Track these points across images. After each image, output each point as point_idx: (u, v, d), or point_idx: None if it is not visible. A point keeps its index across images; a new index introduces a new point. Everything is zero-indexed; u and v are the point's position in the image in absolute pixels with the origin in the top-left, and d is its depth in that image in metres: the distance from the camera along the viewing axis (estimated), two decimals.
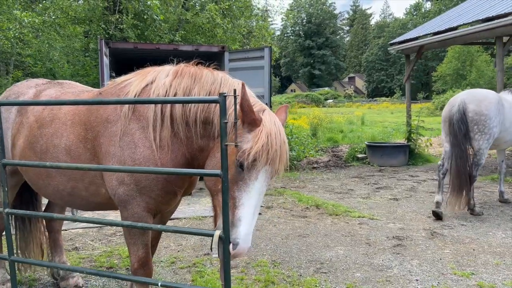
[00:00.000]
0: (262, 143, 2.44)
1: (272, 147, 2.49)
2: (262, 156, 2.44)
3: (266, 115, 2.64)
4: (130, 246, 3.07)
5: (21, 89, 3.70)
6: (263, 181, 2.51)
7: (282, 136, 2.61)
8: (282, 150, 2.57)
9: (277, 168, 2.56)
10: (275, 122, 2.62)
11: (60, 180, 3.19)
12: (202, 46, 10.59)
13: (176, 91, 2.88)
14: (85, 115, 3.10)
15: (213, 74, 2.93)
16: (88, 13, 14.90)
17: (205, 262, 4.77)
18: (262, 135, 2.48)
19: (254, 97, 2.89)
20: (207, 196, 7.78)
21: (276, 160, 2.52)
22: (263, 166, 2.47)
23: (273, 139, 2.51)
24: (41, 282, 4.31)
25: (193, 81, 2.89)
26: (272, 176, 2.59)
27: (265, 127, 2.52)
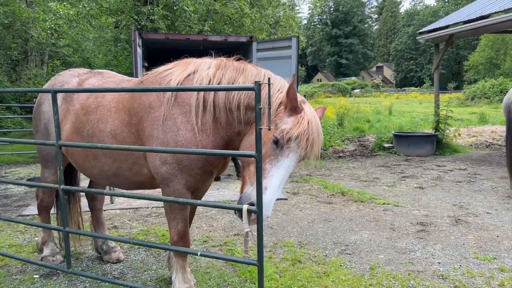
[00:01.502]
0: (303, 128, 2.76)
1: (311, 134, 2.79)
2: (298, 139, 2.74)
3: (307, 106, 2.93)
4: (170, 221, 3.38)
5: (65, 78, 4.04)
6: (293, 160, 2.80)
7: (319, 128, 2.91)
8: (317, 139, 2.86)
9: (309, 154, 2.84)
10: (315, 115, 2.93)
11: (106, 161, 3.51)
12: (230, 36, 10.81)
13: (220, 80, 3.15)
14: (128, 102, 3.39)
15: (256, 68, 3.21)
16: (120, 4, 15.32)
17: (235, 242, 5.06)
18: (304, 121, 2.78)
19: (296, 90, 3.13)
20: (236, 182, 8.11)
21: (309, 146, 2.80)
22: (297, 147, 2.76)
23: (313, 127, 2.81)
24: (86, 255, 4.69)
25: (237, 73, 3.16)
26: (302, 159, 2.89)
27: (307, 115, 2.82)
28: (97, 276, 3.75)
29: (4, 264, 4.38)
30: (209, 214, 6.17)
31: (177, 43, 10.85)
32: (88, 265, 4.44)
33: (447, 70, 76.66)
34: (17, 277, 4.10)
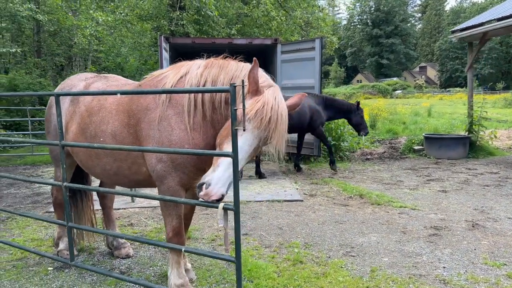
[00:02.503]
0: (257, 109, 2.81)
1: (266, 114, 2.82)
2: (251, 119, 2.79)
3: (270, 90, 2.98)
4: (165, 217, 3.53)
5: (73, 82, 4.30)
6: (247, 140, 2.82)
7: (280, 109, 2.91)
8: (275, 120, 2.87)
9: (269, 136, 2.87)
10: (276, 97, 2.94)
11: (107, 161, 3.71)
12: (255, 39, 10.94)
13: (206, 79, 3.28)
14: (127, 104, 3.57)
15: (237, 64, 3.29)
16: (154, 10, 15.84)
17: (242, 242, 5.12)
18: (259, 103, 2.84)
19: (267, 77, 3.17)
20: (256, 183, 8.20)
21: (264, 126, 2.83)
22: (250, 128, 2.81)
23: (268, 108, 2.84)
24: (99, 250, 4.94)
25: (220, 70, 3.27)
26: (263, 142, 2.90)
27: (264, 97, 2.87)
28: (96, 269, 3.95)
29: (24, 257, 4.70)
30: None
31: (203, 47, 11.10)
32: (99, 259, 4.68)
33: (496, 69, 73.10)
34: (33, 269, 4.39)
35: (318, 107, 9.29)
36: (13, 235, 5.50)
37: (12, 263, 4.54)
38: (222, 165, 2.76)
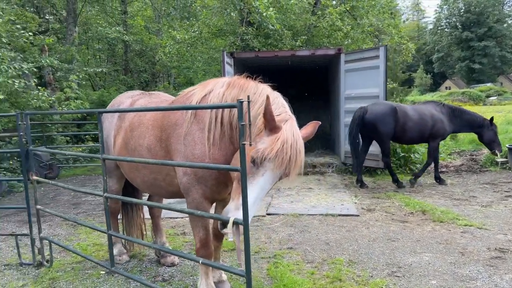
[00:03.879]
0: (277, 149, 2.82)
1: (286, 153, 2.85)
2: (272, 159, 2.82)
3: (287, 125, 2.97)
4: (193, 229, 3.65)
5: (122, 99, 4.64)
6: (269, 179, 2.88)
7: (298, 146, 2.93)
8: (295, 158, 2.90)
9: (287, 171, 2.90)
10: (294, 133, 2.94)
11: (145, 173, 3.94)
12: (318, 50, 10.85)
13: (226, 99, 3.37)
14: (160, 120, 3.78)
15: (257, 86, 3.32)
16: (226, 26, 16.45)
17: (284, 255, 5.10)
18: (279, 141, 2.85)
19: (285, 107, 3.18)
20: (313, 196, 8.08)
21: (285, 165, 2.86)
22: (271, 167, 2.85)
23: (288, 147, 2.86)
24: (149, 257, 5.22)
25: (240, 91, 3.33)
26: (281, 178, 2.95)
27: (283, 135, 2.88)
28: (129, 275, 4.18)
29: (82, 260, 5.13)
30: (272, 227, 6.29)
31: (267, 60, 11.28)
32: (146, 266, 4.95)
33: None
34: (88, 272, 4.77)
35: (442, 117, 8.88)
36: (79, 239, 6.03)
37: (72, 265, 4.98)
38: (248, 206, 2.79)
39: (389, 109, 8.52)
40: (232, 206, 2.85)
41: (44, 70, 15.68)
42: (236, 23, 15.44)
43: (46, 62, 11.98)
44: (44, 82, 16.97)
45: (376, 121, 8.48)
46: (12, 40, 11.10)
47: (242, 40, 12.49)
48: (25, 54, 13.01)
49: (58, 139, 13.90)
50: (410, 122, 8.60)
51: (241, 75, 3.56)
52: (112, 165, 4.57)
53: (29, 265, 4.97)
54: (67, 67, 15.20)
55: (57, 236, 6.15)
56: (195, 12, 20.60)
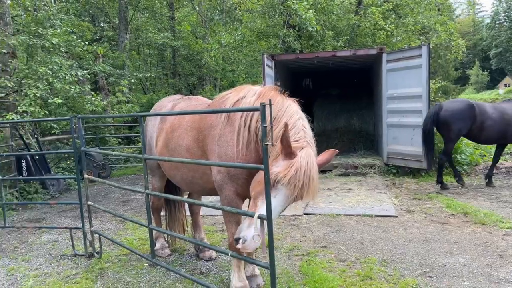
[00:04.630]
0: (290, 174, 3.00)
1: (299, 181, 3.02)
2: (284, 183, 3.01)
3: (303, 152, 3.13)
4: (226, 224, 3.89)
5: (164, 103, 4.97)
6: (281, 201, 3.07)
7: (312, 174, 3.09)
8: (307, 186, 3.07)
9: (299, 196, 3.09)
10: (308, 161, 3.10)
11: (184, 171, 4.23)
12: (359, 50, 10.79)
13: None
14: (198, 122, 4.05)
15: (283, 101, 3.49)
16: (268, 29, 16.67)
17: (318, 253, 5.22)
18: (293, 168, 3.03)
19: (305, 131, 3.34)
20: (352, 197, 8.10)
21: (297, 191, 3.05)
22: (284, 191, 3.04)
23: (301, 175, 3.03)
24: (189, 252, 5.53)
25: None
26: (293, 200, 3.14)
27: (297, 163, 3.05)
28: (168, 266, 4.46)
29: (128, 253, 5.53)
30: (308, 226, 6.42)
31: (307, 62, 11.37)
32: (186, 259, 5.25)
33: None
34: (133, 264, 5.15)
35: None
36: (127, 233, 6.47)
37: (118, 258, 5.39)
38: (257, 223, 3.00)
39: (467, 107, 8.27)
40: (245, 225, 3.07)
41: (98, 76, 16.69)
42: (278, 26, 15.65)
43: (99, 69, 12.77)
44: (98, 87, 18.07)
45: (451, 119, 8.26)
46: (70, 48, 11.95)
47: (284, 42, 12.66)
48: (81, 61, 13.94)
49: (111, 141, 14.75)
50: (489, 121, 8.25)
51: (278, 82, 3.76)
52: (155, 165, 4.91)
53: (82, 256, 5.44)
54: (119, 72, 16.08)
55: (107, 231, 6.63)
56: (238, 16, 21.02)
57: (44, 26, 10.91)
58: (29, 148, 9.51)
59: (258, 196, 3.10)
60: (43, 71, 9.65)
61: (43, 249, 5.84)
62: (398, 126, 10.19)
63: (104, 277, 4.76)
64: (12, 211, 8.16)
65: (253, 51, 19.49)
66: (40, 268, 5.12)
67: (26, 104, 9.25)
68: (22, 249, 5.89)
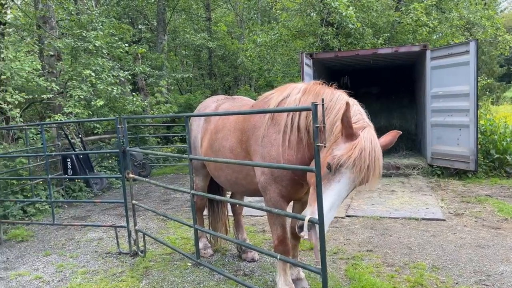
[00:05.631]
0: (354, 155, 2.84)
1: (365, 162, 2.86)
2: (348, 165, 2.84)
3: (365, 132, 2.98)
4: (271, 226, 3.82)
5: (208, 103, 4.96)
6: (345, 185, 2.91)
7: (377, 154, 2.93)
8: (373, 166, 2.90)
9: (365, 180, 2.91)
10: (372, 140, 2.94)
11: (228, 172, 4.20)
12: (401, 47, 10.43)
13: (302, 104, 3.47)
14: (241, 123, 4.00)
15: (332, 92, 3.37)
16: (306, 28, 16.49)
17: (364, 257, 5.06)
18: (356, 148, 2.87)
19: (361, 113, 3.19)
20: (396, 199, 7.85)
21: (363, 173, 2.88)
22: (348, 174, 2.87)
23: (366, 155, 2.87)
24: (231, 252, 5.50)
25: (315, 98, 3.40)
26: (359, 184, 2.96)
27: (360, 143, 2.89)
28: (213, 267, 4.44)
29: (171, 252, 5.56)
30: (351, 229, 6.25)
31: (346, 60, 11.13)
32: (229, 260, 5.23)
33: None
34: (176, 263, 5.18)
35: None
36: (168, 233, 6.52)
37: (162, 257, 5.43)
38: (324, 211, 2.83)
39: None
40: (309, 212, 2.93)
41: (137, 77, 17.05)
42: (315, 24, 15.43)
43: (139, 70, 13.03)
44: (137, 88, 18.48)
45: None
46: (111, 50, 12.26)
47: (321, 41, 12.46)
48: (121, 63, 14.28)
49: (150, 140, 15.03)
50: None
51: (318, 80, 3.64)
52: (199, 165, 4.91)
53: (126, 254, 5.52)
54: (157, 73, 16.36)
55: (149, 229, 6.71)
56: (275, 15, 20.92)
57: (86, 29, 11.23)
58: (74, 148, 9.81)
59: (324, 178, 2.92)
60: (87, 74, 9.92)
61: (89, 247, 5.98)
62: (443, 126, 9.79)
63: (149, 276, 4.81)
64: (59, 208, 8.43)
65: (289, 50, 19.35)
66: (87, 265, 5.24)
67: (71, 105, 9.55)
68: (70, 246, 6.05)
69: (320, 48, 13.78)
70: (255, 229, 6.50)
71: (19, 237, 6.52)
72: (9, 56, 8.21)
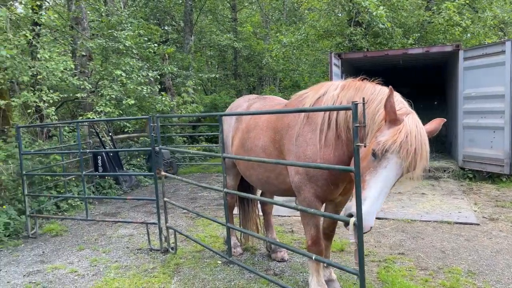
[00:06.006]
0: (400, 139, 2.78)
1: (411, 145, 2.79)
2: (394, 150, 2.78)
3: (409, 118, 2.91)
4: (304, 226, 3.79)
5: (239, 103, 4.97)
6: (392, 171, 2.83)
7: (423, 138, 2.86)
8: (420, 150, 2.83)
9: (412, 165, 2.82)
10: (417, 125, 2.88)
11: (260, 171, 4.20)
12: (433, 47, 10.22)
13: (341, 101, 3.43)
14: (274, 122, 4.00)
15: (374, 87, 3.33)
16: (332, 28, 16.37)
17: (396, 260, 4.98)
18: (401, 132, 2.81)
19: (404, 103, 3.14)
20: (426, 202, 7.71)
21: (411, 157, 2.79)
22: (395, 159, 2.80)
23: (412, 138, 2.80)
24: (260, 252, 5.50)
25: (356, 92, 3.36)
26: (406, 171, 2.87)
27: (406, 127, 2.83)
28: (247, 266, 4.44)
29: (202, 249, 5.61)
30: (381, 231, 6.16)
31: (376, 60, 10.98)
32: (258, 259, 5.23)
33: None
34: (207, 261, 5.21)
35: None
36: (197, 231, 6.58)
37: (192, 254, 5.48)
38: (371, 199, 2.81)
39: None
40: (353, 209, 2.88)
41: (165, 77, 17.29)
42: (343, 24, 15.30)
43: (167, 70, 13.21)
44: (164, 88, 18.74)
45: None
46: (140, 51, 12.47)
47: (349, 41, 12.33)
48: (149, 63, 14.51)
49: (177, 139, 15.21)
50: None
51: (356, 77, 3.59)
52: (230, 164, 4.93)
53: (157, 251, 5.60)
54: (185, 73, 16.54)
55: (179, 227, 6.78)
56: (302, 15, 20.86)
57: (116, 29, 11.46)
58: (104, 146, 10.03)
59: (365, 172, 2.88)
60: (118, 74, 10.12)
61: (121, 243, 6.09)
62: (476, 128, 9.53)
63: (180, 272, 4.86)
64: (90, 204, 8.62)
65: (315, 51, 19.25)
66: (120, 261, 5.34)
67: (102, 104, 9.76)
68: (102, 242, 6.19)
69: (347, 48, 13.64)
70: (284, 229, 6.48)
71: (54, 231, 6.71)
72: (44, 56, 8.45)
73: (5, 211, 6.60)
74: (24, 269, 5.22)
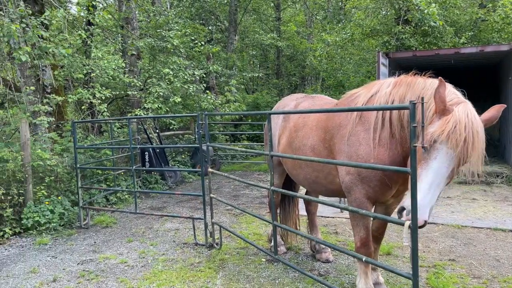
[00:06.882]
0: (448, 130, 2.70)
1: (460, 135, 2.70)
2: (444, 141, 2.70)
3: (460, 107, 2.84)
4: (354, 227, 3.74)
5: (286, 101, 4.97)
6: (443, 162, 2.74)
7: (474, 127, 2.76)
8: (471, 139, 2.73)
9: (464, 155, 2.72)
10: (468, 114, 2.79)
11: (308, 171, 4.18)
12: (488, 47, 9.75)
13: (393, 98, 3.36)
14: (324, 121, 3.96)
15: (425, 81, 3.24)
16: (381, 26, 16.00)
17: (446, 267, 4.80)
18: (450, 123, 2.73)
19: (456, 94, 3.05)
20: (478, 208, 7.41)
21: (460, 147, 2.70)
22: (445, 150, 2.72)
23: (461, 128, 2.71)
24: (304, 252, 5.48)
25: (408, 88, 3.29)
26: (458, 162, 2.77)
27: (454, 116, 2.76)
28: (294, 265, 4.43)
29: (246, 246, 5.66)
30: (430, 236, 5.96)
31: (426, 59, 10.62)
32: (302, 259, 5.21)
33: None
34: (251, 258, 5.26)
35: None
36: (241, 228, 6.64)
37: (237, 250, 5.54)
38: (422, 191, 2.72)
39: None
40: (409, 201, 2.78)
41: (209, 76, 17.57)
42: (390, 22, 14.91)
43: (213, 69, 13.42)
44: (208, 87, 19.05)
45: None
46: (187, 50, 12.75)
47: (397, 40, 12.00)
48: (195, 62, 14.79)
49: (219, 138, 15.43)
50: None
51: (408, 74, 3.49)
52: (276, 162, 4.94)
53: (202, 246, 5.71)
54: (229, 72, 16.73)
55: (222, 224, 6.85)
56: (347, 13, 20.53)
57: (163, 29, 11.77)
58: (151, 142, 10.33)
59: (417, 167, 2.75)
60: (166, 72, 10.40)
61: (167, 236, 6.26)
62: None
63: (225, 268, 4.93)
64: (137, 198, 8.91)
65: (360, 50, 18.89)
66: (167, 254, 5.49)
67: (151, 101, 10.07)
68: (149, 235, 6.38)
69: (394, 47, 13.28)
70: (328, 230, 6.42)
71: (104, 223, 7.00)
72: (97, 55, 8.82)
73: (60, 202, 6.96)
74: (78, 257, 5.48)
